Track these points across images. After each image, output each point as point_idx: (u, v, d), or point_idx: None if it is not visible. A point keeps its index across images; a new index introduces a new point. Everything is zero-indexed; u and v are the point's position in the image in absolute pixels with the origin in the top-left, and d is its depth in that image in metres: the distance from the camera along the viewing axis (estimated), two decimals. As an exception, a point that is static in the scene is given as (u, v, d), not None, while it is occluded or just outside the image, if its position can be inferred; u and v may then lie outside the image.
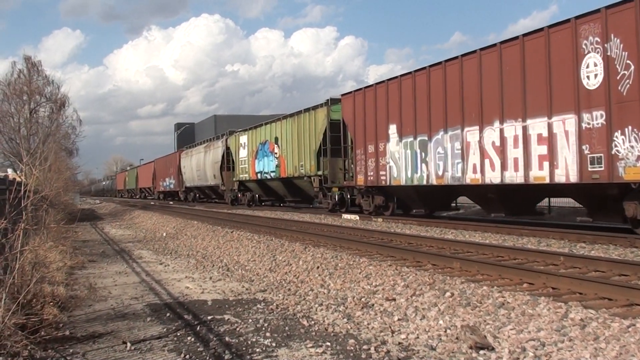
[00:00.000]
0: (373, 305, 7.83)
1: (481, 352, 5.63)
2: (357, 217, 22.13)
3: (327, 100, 25.92)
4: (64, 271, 11.27)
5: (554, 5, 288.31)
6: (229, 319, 7.68)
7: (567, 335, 5.72)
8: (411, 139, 19.25)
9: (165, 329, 7.24)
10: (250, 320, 7.52)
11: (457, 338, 6.08)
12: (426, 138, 18.54)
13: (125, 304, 9.02)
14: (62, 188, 26.10)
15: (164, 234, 21.52)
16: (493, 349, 5.70)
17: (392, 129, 20.20)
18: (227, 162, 39.20)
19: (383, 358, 5.76)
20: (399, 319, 7.06)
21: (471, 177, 16.65)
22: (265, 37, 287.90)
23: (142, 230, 25.35)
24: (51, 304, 7.90)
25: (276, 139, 30.87)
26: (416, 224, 18.42)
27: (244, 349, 6.26)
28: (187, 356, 6.03)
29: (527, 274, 8.40)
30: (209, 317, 7.77)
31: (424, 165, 18.68)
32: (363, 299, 8.15)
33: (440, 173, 17.96)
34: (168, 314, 8.12)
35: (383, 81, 20.84)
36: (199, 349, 6.30)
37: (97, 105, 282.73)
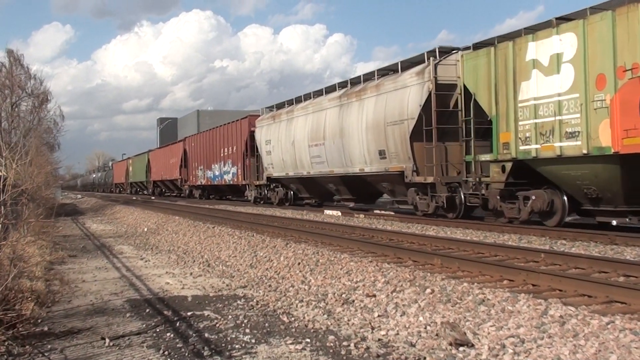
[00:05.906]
0: (353, 301, 7.82)
1: (461, 348, 5.64)
2: (339, 213, 21.96)
3: None
4: (43, 266, 11.17)
5: (540, 6, 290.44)
6: (208, 315, 7.63)
7: (546, 332, 5.74)
8: None
9: (144, 325, 7.18)
10: (230, 317, 7.48)
11: (437, 335, 6.09)
12: None
13: (105, 299, 8.94)
14: (42, 182, 25.85)
15: (145, 229, 21.38)
16: (473, 345, 5.70)
17: None
18: (427, 122, 17.45)
19: (363, 354, 5.75)
20: (379, 316, 7.06)
21: None
22: (254, 33, 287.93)
23: (124, 225, 25.16)
24: (29, 299, 7.82)
25: None
26: (398, 220, 18.43)
27: (223, 345, 6.22)
28: (166, 352, 5.98)
29: (507, 270, 8.42)
30: (189, 313, 7.72)
31: None
32: (344, 295, 8.13)
33: None
34: (148, 310, 8.06)
35: None
36: (178, 345, 6.25)
37: (84, 99, 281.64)
